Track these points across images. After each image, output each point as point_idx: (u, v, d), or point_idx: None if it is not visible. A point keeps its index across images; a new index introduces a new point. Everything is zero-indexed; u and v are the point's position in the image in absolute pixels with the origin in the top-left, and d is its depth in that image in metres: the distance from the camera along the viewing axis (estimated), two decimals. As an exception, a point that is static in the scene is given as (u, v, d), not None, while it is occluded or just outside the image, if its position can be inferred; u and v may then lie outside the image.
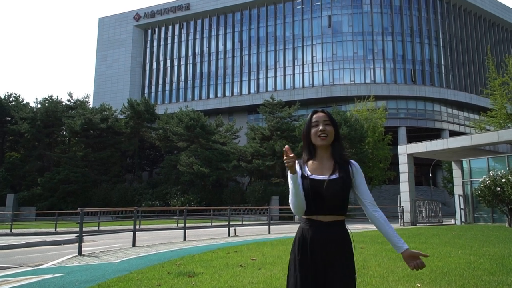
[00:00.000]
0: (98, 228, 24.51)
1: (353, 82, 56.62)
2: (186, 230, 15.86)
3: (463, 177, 24.10)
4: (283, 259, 8.49)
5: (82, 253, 10.95)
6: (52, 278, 7.11)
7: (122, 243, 14.82)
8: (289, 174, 2.64)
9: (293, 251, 2.73)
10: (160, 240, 16.34)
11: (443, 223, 25.74)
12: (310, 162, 2.78)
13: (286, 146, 2.58)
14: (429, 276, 6.52)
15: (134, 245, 12.93)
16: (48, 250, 14.04)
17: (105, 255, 10.50)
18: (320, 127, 2.75)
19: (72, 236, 17.53)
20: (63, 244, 16.44)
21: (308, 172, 2.72)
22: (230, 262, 8.22)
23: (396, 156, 45.42)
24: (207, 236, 17.72)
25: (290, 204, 2.70)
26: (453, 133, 51.88)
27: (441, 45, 59.68)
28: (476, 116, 54.44)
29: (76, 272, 7.69)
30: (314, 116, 2.84)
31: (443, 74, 58.84)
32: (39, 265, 9.42)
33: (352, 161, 2.82)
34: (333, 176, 2.68)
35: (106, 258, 9.95)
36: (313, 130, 2.79)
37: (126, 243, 14.50)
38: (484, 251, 9.15)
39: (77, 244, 15.57)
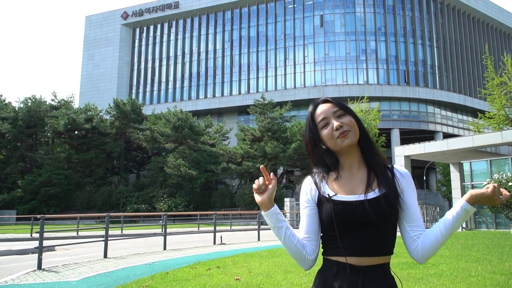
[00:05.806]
0: (77, 234, 23.28)
1: (345, 83, 55.53)
2: (170, 237, 14.55)
3: (463, 180, 22.91)
4: (273, 278, 7.11)
5: (43, 267, 9.55)
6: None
7: (97, 252, 13.47)
8: (263, 212, 1.76)
9: None
10: (139, 248, 14.96)
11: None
12: (331, 176, 1.79)
13: (262, 166, 1.79)
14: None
15: (105, 256, 11.55)
16: (11, 260, 12.60)
17: (68, 270, 9.09)
18: (335, 123, 1.72)
19: (49, 243, 16.16)
20: (32, 253, 14.94)
21: (329, 192, 1.73)
22: (208, 283, 6.81)
23: (389, 159, 44.37)
24: (191, 243, 16.38)
25: None
26: (446, 135, 50.87)
27: (435, 45, 58.77)
28: (470, 118, 53.52)
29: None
30: (318, 111, 1.80)
31: (437, 75, 57.93)
32: (-10, 281, 8.01)
33: (395, 166, 1.81)
34: (372, 194, 1.67)
35: (67, 274, 8.54)
36: (324, 132, 1.76)
37: (101, 252, 13.07)
38: (509, 268, 7.82)
39: (48, 253, 14.25)
